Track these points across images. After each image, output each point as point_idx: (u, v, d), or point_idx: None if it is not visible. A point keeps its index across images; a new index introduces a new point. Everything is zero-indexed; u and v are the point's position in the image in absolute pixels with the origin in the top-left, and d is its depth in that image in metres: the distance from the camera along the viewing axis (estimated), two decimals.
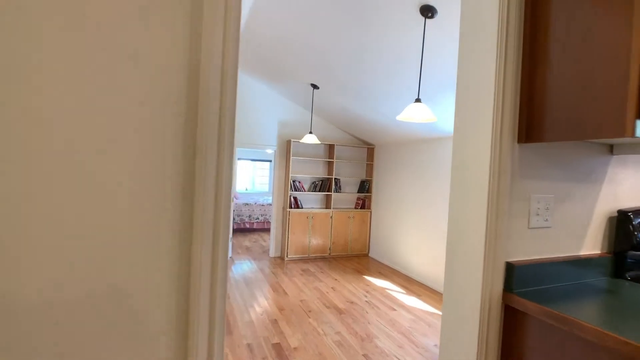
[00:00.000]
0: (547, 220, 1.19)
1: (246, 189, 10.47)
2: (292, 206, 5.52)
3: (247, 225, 7.74)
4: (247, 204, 7.74)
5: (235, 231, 7.64)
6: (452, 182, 1.22)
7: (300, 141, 4.74)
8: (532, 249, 1.18)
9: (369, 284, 4.48)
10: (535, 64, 1.06)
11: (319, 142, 4.57)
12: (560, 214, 1.23)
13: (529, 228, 1.17)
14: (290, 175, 5.45)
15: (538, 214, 1.17)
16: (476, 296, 1.09)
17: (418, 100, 2.32)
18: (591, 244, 1.31)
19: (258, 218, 7.80)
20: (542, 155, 1.17)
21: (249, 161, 10.38)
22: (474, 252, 1.11)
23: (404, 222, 5.11)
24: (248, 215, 7.72)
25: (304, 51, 3.38)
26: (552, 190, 1.21)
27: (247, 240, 6.80)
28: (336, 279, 4.58)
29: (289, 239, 5.43)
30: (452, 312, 1.18)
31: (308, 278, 4.57)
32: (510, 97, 1.07)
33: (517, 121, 1.10)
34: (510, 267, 1.11)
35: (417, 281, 4.68)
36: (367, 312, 3.56)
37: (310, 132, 4.45)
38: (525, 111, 1.08)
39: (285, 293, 4.00)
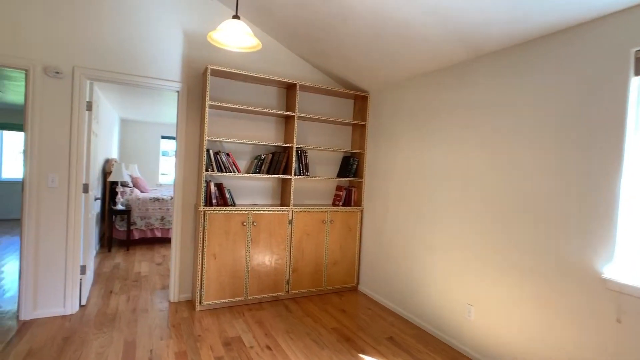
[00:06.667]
0: None
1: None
2: (215, 201, 2.80)
3: (158, 234, 4.86)
4: (158, 200, 4.86)
5: (133, 243, 4.75)
6: None
7: (216, 35, 1.98)
8: None
9: None
10: None
11: (258, 47, 1.90)
12: None
13: None
14: (206, 139, 2.71)
15: None
16: None
17: None
18: None
19: None
20: None
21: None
22: None
23: (431, 230, 2.57)
24: (159, 217, 4.84)
25: None
26: None
27: (146, 261, 3.95)
28: None
29: (206, 267, 2.71)
30: None
31: None
32: None
33: None
34: None
35: None
36: None
37: (236, 15, 1.78)
38: None
39: None
